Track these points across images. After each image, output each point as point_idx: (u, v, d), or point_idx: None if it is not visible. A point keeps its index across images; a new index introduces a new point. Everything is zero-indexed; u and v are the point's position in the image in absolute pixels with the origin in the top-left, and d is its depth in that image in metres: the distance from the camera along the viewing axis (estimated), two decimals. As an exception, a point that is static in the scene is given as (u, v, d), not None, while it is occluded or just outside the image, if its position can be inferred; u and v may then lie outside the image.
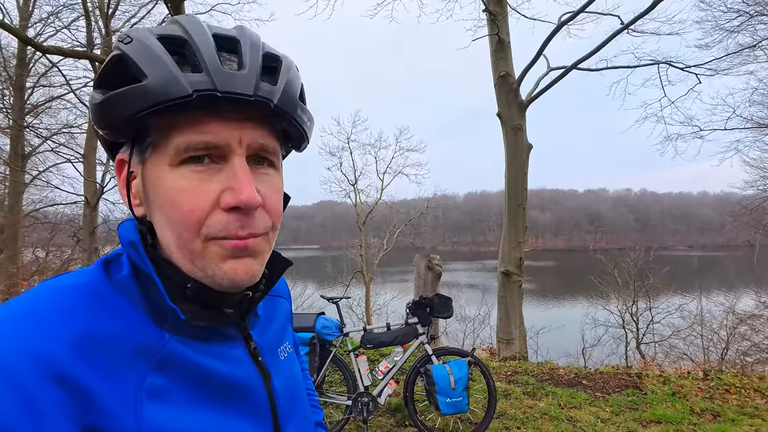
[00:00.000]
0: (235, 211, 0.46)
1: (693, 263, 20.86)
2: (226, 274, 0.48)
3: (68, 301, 0.43)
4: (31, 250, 12.21)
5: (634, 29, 7.37)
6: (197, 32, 0.47)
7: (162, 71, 0.44)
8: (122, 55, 0.46)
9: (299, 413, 0.64)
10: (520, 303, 7.21)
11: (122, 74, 0.46)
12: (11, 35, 8.00)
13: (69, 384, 0.38)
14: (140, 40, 0.46)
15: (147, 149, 0.48)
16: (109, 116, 0.47)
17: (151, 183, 0.48)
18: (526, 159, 7.30)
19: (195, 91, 0.43)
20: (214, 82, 0.44)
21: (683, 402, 3.84)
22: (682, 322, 11.02)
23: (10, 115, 11.77)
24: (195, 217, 0.46)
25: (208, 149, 0.46)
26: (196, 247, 0.47)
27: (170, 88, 0.43)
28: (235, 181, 0.46)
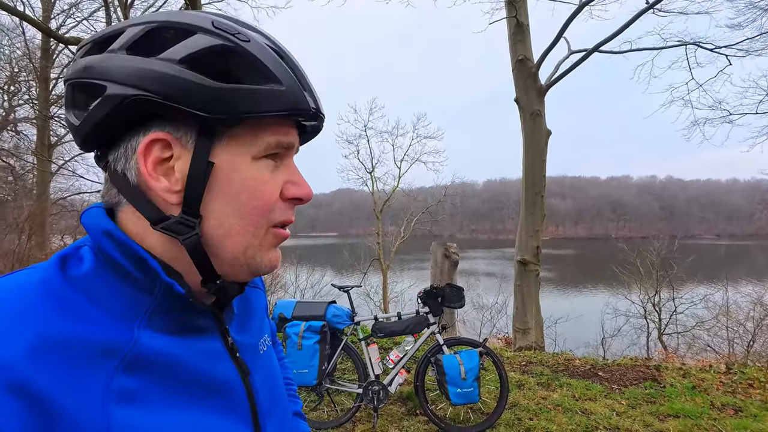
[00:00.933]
0: (293, 201, 0.54)
1: (720, 252, 20.21)
2: (271, 261, 0.54)
3: (22, 301, 0.40)
4: (59, 237, 12.58)
5: (660, 9, 7.06)
6: (286, 50, 0.53)
7: (290, 82, 0.49)
8: (237, 48, 0.47)
9: (279, 407, 0.63)
10: (536, 292, 7.12)
11: (225, 64, 0.47)
12: (35, 28, 8.18)
13: (27, 394, 0.36)
14: (261, 44, 0.49)
15: (225, 138, 0.48)
16: (233, 105, 0.46)
17: (223, 172, 0.48)
18: (545, 145, 7.13)
19: (311, 108, 0.51)
20: (318, 102, 0.53)
21: (703, 396, 3.74)
22: (706, 313, 10.75)
23: (37, 106, 12.11)
24: (271, 203, 0.51)
25: (284, 148, 0.53)
26: (260, 233, 0.51)
27: (299, 99, 0.50)
28: (297, 177, 0.54)
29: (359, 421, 3.37)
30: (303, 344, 3.09)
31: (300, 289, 15.55)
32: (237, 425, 0.52)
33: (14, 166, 12.75)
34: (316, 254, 30.12)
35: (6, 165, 12.64)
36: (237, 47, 0.47)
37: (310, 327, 3.14)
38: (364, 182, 17.93)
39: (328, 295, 12.44)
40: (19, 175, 13.03)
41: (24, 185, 13.13)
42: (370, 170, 17.53)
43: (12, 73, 12.66)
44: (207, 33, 0.46)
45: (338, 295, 3.71)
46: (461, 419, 3.35)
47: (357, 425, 3.31)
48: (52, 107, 12.21)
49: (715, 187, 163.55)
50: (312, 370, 3.10)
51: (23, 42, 12.05)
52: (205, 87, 0.45)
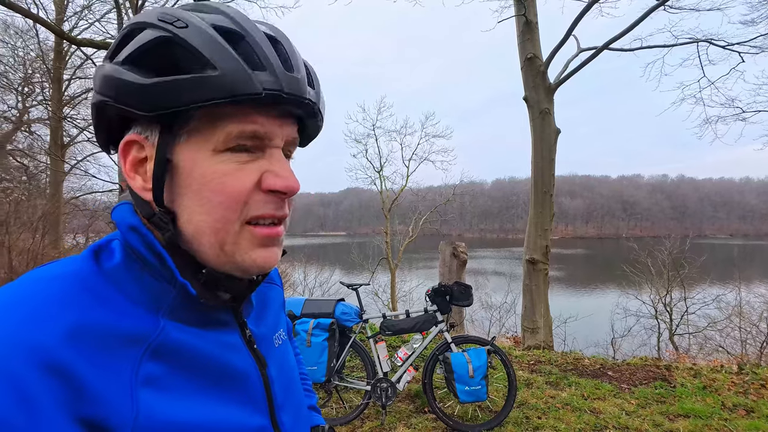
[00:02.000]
0: (274, 194, 0.50)
1: (733, 252, 19.85)
2: (255, 261, 0.51)
3: (59, 290, 0.42)
4: (72, 236, 12.78)
5: (671, 5, 6.95)
6: (250, 27, 0.48)
7: (232, 65, 0.45)
8: (173, 38, 0.45)
9: (294, 400, 0.65)
10: (545, 291, 7.08)
11: (167, 57, 0.46)
12: (48, 30, 8.31)
13: (63, 374, 0.38)
14: (198, 27, 0.46)
15: (183, 134, 0.48)
16: (163, 100, 0.45)
17: (184, 167, 0.48)
18: (554, 144, 7.08)
19: (265, 89, 0.46)
20: (281, 83, 0.47)
21: (714, 396, 3.70)
22: (718, 314, 10.63)
23: (50, 107, 12.28)
24: (240, 196, 0.48)
25: (254, 139, 0.49)
26: (233, 229, 0.49)
27: (242, 84, 0.45)
28: (278, 167, 0.50)
29: (367, 418, 3.39)
30: (312, 341, 3.12)
31: (309, 287, 15.64)
32: (253, 415, 0.54)
33: (28, 165, 12.95)
34: (325, 253, 30.25)
35: (20, 165, 12.85)
36: (173, 36, 0.45)
37: (319, 324, 3.17)
38: (373, 181, 17.93)
39: (336, 293, 12.50)
40: (33, 174, 13.23)
41: (38, 185, 13.33)
42: (378, 169, 17.52)
43: (26, 75, 12.87)
44: (152, 27, 0.46)
45: (347, 293, 3.73)
46: (469, 417, 3.36)
47: (365, 422, 3.33)
48: (64, 108, 12.39)
49: (728, 186, 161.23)
50: (321, 367, 3.12)
51: (37, 44, 12.23)
52: (136, 85, 0.46)
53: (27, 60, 12.77)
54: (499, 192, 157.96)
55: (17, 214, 8.84)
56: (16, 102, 13.03)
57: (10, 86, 12.41)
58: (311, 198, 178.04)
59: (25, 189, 12.64)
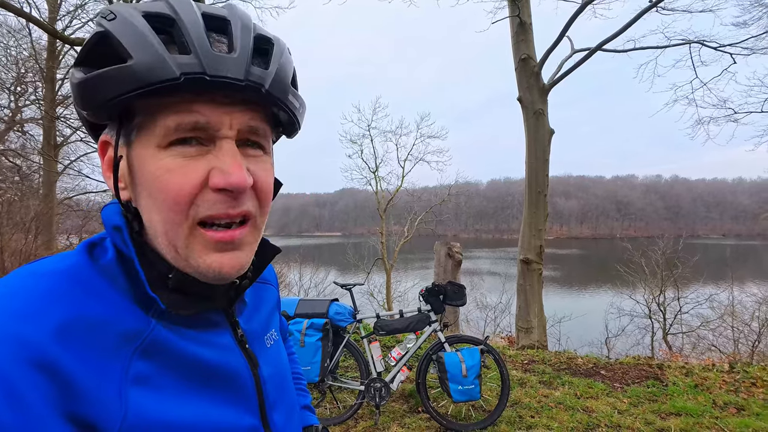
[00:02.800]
0: (223, 192, 0.46)
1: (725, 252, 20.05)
2: (211, 267, 0.48)
3: (51, 285, 0.42)
4: (65, 236, 12.67)
5: (663, 7, 7.01)
6: (185, 10, 0.46)
7: (148, 52, 0.43)
8: (105, 32, 0.44)
9: (286, 399, 0.64)
10: (539, 291, 7.11)
11: (105, 53, 0.44)
12: (41, 29, 8.25)
13: (52, 371, 0.37)
14: (124, 16, 0.44)
15: (133, 131, 0.47)
16: (91, 97, 0.45)
17: (137, 165, 0.47)
18: (548, 145, 7.11)
19: (183, 74, 0.42)
20: (203, 64, 0.43)
21: (706, 394, 3.73)
22: (711, 313, 10.71)
23: (43, 107, 12.19)
24: (183, 196, 0.45)
25: (197, 130, 0.46)
26: (183, 232, 0.46)
27: (157, 70, 0.42)
28: (224, 161, 0.46)
29: (361, 418, 3.39)
30: (305, 341, 3.12)
31: (304, 288, 15.60)
32: (244, 415, 0.54)
33: (21, 166, 12.83)
34: (321, 254, 30.19)
35: (13, 165, 12.74)
36: (104, 30, 0.45)
37: (313, 324, 3.16)
38: (368, 182, 17.92)
39: (332, 294, 12.47)
40: (26, 174, 13.12)
41: (30, 185, 13.21)
42: (373, 170, 17.52)
43: (18, 74, 12.76)
44: (96, 25, 0.46)
45: (342, 294, 3.73)
46: (463, 417, 3.37)
47: (359, 422, 3.33)
48: (58, 108, 12.29)
49: (720, 187, 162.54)
50: (314, 367, 3.12)
51: (29, 43, 12.13)
52: (75, 84, 0.46)
53: (20, 59, 12.67)
54: (495, 192, 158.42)
55: (10, 215, 8.77)
56: (9, 101, 12.91)
57: (2, 86, 12.31)
58: (307, 198, 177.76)
59: (17, 189, 12.53)
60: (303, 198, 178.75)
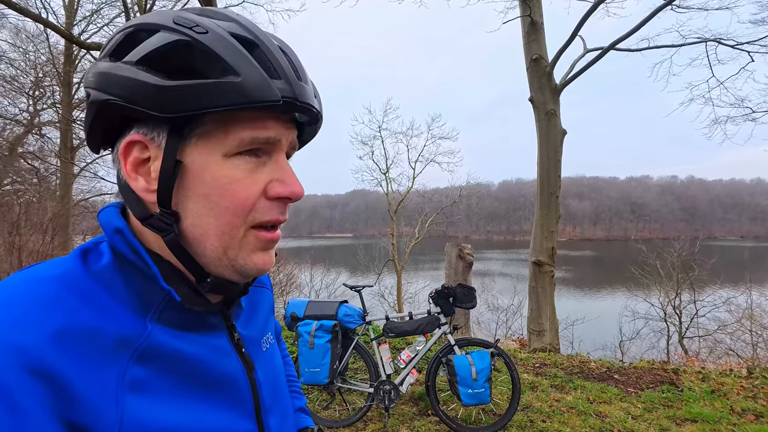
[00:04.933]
0: (279, 200, 0.51)
1: (743, 254, 19.61)
2: (256, 265, 0.52)
3: (46, 292, 0.42)
4: (81, 237, 12.91)
5: (678, 5, 6.90)
6: (264, 37, 0.50)
7: (254, 73, 0.46)
8: (193, 42, 0.45)
9: (281, 403, 0.65)
10: (551, 294, 7.03)
11: (185, 61, 0.45)
12: (58, 34, 8.43)
13: (49, 378, 0.37)
14: (218, 33, 0.46)
15: (192, 137, 0.47)
16: (182, 102, 0.45)
17: (192, 171, 0.48)
18: (560, 145, 7.03)
19: (283, 97, 0.47)
20: (295, 91, 0.48)
21: (723, 400, 3.65)
22: (729, 317, 10.48)
23: (60, 110, 12.45)
24: (248, 204, 0.49)
25: (266, 143, 0.50)
26: (238, 234, 0.50)
27: (263, 91, 0.46)
28: (284, 173, 0.51)
29: (370, 420, 3.39)
30: (315, 343, 3.12)
31: (315, 289, 15.65)
32: (240, 419, 0.54)
33: (39, 168, 13.12)
34: (332, 255, 30.27)
35: (31, 167, 13.04)
36: (192, 41, 0.45)
37: (322, 326, 3.17)
38: (379, 183, 17.94)
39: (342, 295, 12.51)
40: (44, 176, 13.40)
41: (48, 187, 13.49)
42: (384, 171, 17.53)
43: (37, 78, 13.05)
44: (167, 30, 0.46)
45: (352, 296, 3.73)
46: (473, 420, 3.34)
47: (368, 424, 3.32)
48: (74, 111, 12.54)
49: (738, 188, 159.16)
50: (323, 369, 3.12)
51: (47, 48, 12.41)
52: (155, 86, 0.45)
53: (38, 64, 12.97)
54: (506, 193, 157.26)
55: (28, 216, 8.96)
56: (27, 105, 13.23)
57: (21, 90, 12.61)
58: (318, 200, 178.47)
59: (35, 191, 12.81)
60: (314, 199, 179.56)
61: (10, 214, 8.59)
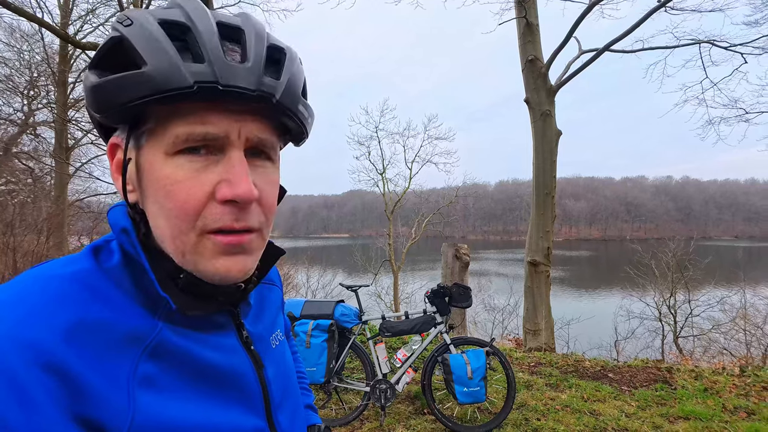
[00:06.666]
0: (230, 204, 0.46)
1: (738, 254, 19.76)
2: (218, 271, 0.48)
3: (58, 289, 0.42)
4: (77, 237, 12.85)
5: (672, 7, 6.96)
6: (200, 19, 0.46)
7: (163, 59, 0.43)
8: (121, 37, 0.45)
9: (291, 400, 0.65)
10: (547, 293, 7.07)
11: (120, 58, 0.45)
12: (53, 34, 8.38)
13: (61, 373, 0.38)
14: (141, 23, 0.45)
15: (143, 135, 0.47)
16: (105, 101, 0.45)
17: (145, 170, 0.47)
18: (555, 146, 7.08)
19: (196, 82, 0.43)
20: (216, 74, 0.44)
21: (715, 398, 3.68)
22: (723, 316, 10.56)
23: (55, 110, 12.38)
24: (190, 208, 0.46)
25: (206, 140, 0.46)
26: (190, 240, 0.47)
27: (171, 77, 0.42)
28: (232, 174, 0.46)
29: (367, 419, 3.40)
30: (311, 342, 3.13)
31: (311, 289, 15.65)
32: (250, 416, 0.54)
33: (33, 168, 13.04)
34: (328, 255, 30.27)
35: (26, 167, 12.95)
36: (122, 36, 0.45)
37: (318, 325, 3.18)
38: (376, 183, 17.92)
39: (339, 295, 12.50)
40: (38, 177, 13.32)
41: (42, 187, 13.41)
42: (381, 171, 17.53)
43: (31, 78, 12.97)
44: (112, 30, 0.46)
45: (348, 295, 3.74)
46: (468, 418, 3.36)
47: (365, 423, 3.33)
48: (69, 111, 12.47)
49: (733, 188, 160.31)
50: (320, 368, 3.14)
51: (42, 47, 12.33)
52: (90, 87, 0.46)
53: (32, 63, 12.89)
54: (503, 194, 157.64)
55: (22, 216, 8.91)
56: (22, 105, 13.14)
57: (15, 89, 12.52)
58: (315, 200, 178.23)
59: (30, 191, 12.73)
60: (311, 200, 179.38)
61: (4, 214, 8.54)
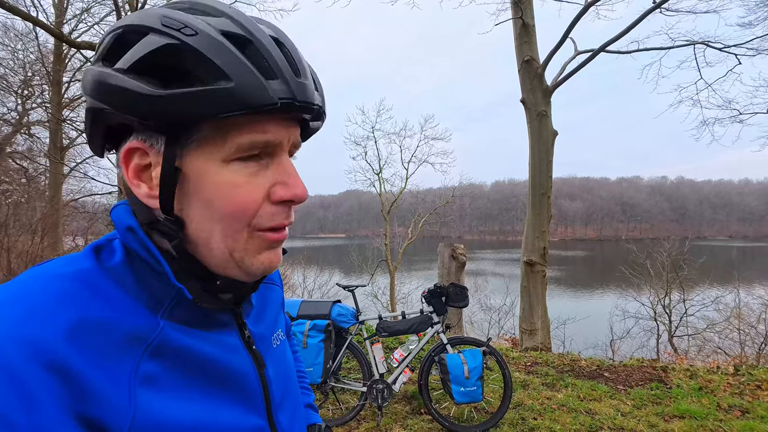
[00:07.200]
0: (284, 203, 0.50)
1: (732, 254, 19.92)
2: (263, 264, 0.51)
3: (60, 288, 0.42)
4: (71, 238, 12.77)
5: (667, 8, 7.00)
6: (257, 31, 0.47)
7: (246, 76, 0.44)
8: (182, 45, 0.43)
9: (291, 400, 0.65)
10: (543, 293, 7.09)
11: (176, 65, 0.44)
12: (47, 33, 8.34)
13: (63, 372, 0.38)
14: (207, 34, 0.44)
15: (191, 143, 0.46)
16: (174, 111, 0.44)
17: (194, 177, 0.47)
18: (551, 146, 7.10)
19: (280, 99, 0.45)
20: (293, 92, 0.47)
21: (710, 397, 3.71)
22: (717, 315, 10.63)
23: (49, 110, 12.30)
24: (250, 209, 0.48)
25: (265, 147, 0.49)
26: (242, 238, 0.49)
27: (257, 95, 0.44)
28: (288, 176, 0.50)
29: (364, 419, 3.40)
30: (308, 343, 3.13)
31: (308, 289, 15.63)
32: (250, 415, 0.54)
33: (28, 168, 12.96)
34: (325, 255, 30.24)
35: (20, 167, 12.87)
36: (182, 44, 0.43)
37: (315, 326, 3.17)
38: (372, 183, 17.97)
39: (336, 296, 12.50)
40: (33, 177, 13.23)
41: (37, 187, 13.32)
42: (377, 171, 17.56)
43: (26, 77, 12.88)
44: (156, 33, 0.44)
45: (345, 295, 3.74)
46: (465, 418, 3.37)
47: (362, 423, 3.33)
48: (64, 110, 12.40)
49: (727, 188, 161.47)
50: (317, 369, 3.13)
51: (36, 47, 12.25)
52: (147, 96, 0.43)
53: (27, 63, 12.79)
54: (499, 194, 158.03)
55: (16, 216, 8.84)
56: (16, 105, 13.05)
57: (9, 89, 12.43)
58: (311, 200, 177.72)
59: (24, 191, 12.64)
60: (308, 199, 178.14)
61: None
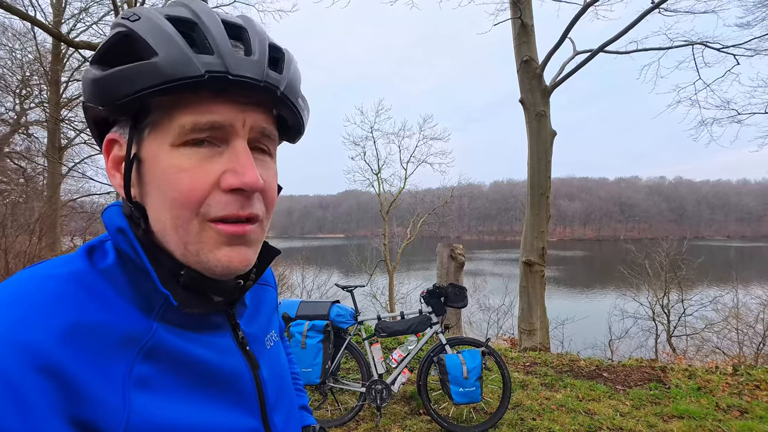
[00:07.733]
0: (235, 192, 0.47)
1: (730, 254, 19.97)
2: (220, 261, 0.48)
3: (56, 289, 0.42)
4: (69, 238, 12.74)
5: (666, 8, 7.00)
6: (206, 15, 0.48)
7: (174, 50, 0.44)
8: (128, 32, 0.46)
9: (286, 401, 0.65)
10: (542, 293, 7.09)
11: (127, 51, 0.46)
12: (46, 32, 8.32)
13: (56, 375, 0.37)
14: (149, 18, 0.46)
15: (146, 128, 0.47)
16: (112, 92, 0.45)
17: (148, 163, 0.47)
18: (550, 146, 7.10)
19: (207, 72, 0.44)
20: (226, 64, 0.45)
21: (709, 397, 3.71)
22: (716, 315, 10.64)
23: (48, 110, 12.27)
24: (195, 196, 0.46)
25: (212, 130, 0.47)
26: (193, 228, 0.47)
27: (182, 67, 0.44)
28: (237, 162, 0.47)
29: (362, 420, 3.39)
30: (306, 343, 3.12)
31: (306, 290, 15.62)
32: (245, 416, 0.54)
33: (26, 168, 12.93)
34: (323, 255, 30.23)
35: (18, 167, 12.84)
36: (128, 30, 0.46)
37: (314, 326, 3.17)
38: (371, 183, 17.94)
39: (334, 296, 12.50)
40: (31, 177, 13.21)
41: (35, 187, 13.30)
42: (376, 172, 17.54)
43: (24, 77, 12.85)
44: (115, 26, 0.47)
45: (344, 296, 3.73)
46: (464, 419, 3.36)
47: (360, 424, 3.33)
48: (62, 110, 12.37)
49: (725, 188, 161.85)
50: (315, 369, 3.13)
51: (34, 46, 12.24)
52: (92, 80, 0.46)
53: (25, 62, 12.77)
54: (497, 194, 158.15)
55: (14, 217, 8.82)
56: (14, 104, 13.03)
57: (7, 89, 12.41)
58: (310, 200, 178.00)
59: (22, 191, 12.62)
60: (306, 200, 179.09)
61: (-4, 214, 8.45)
